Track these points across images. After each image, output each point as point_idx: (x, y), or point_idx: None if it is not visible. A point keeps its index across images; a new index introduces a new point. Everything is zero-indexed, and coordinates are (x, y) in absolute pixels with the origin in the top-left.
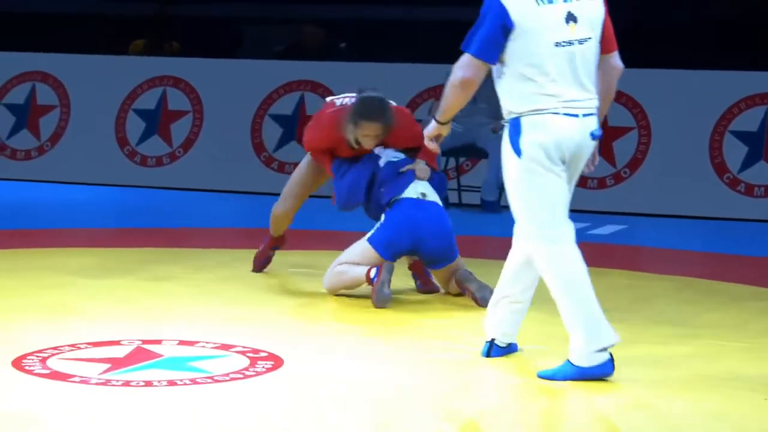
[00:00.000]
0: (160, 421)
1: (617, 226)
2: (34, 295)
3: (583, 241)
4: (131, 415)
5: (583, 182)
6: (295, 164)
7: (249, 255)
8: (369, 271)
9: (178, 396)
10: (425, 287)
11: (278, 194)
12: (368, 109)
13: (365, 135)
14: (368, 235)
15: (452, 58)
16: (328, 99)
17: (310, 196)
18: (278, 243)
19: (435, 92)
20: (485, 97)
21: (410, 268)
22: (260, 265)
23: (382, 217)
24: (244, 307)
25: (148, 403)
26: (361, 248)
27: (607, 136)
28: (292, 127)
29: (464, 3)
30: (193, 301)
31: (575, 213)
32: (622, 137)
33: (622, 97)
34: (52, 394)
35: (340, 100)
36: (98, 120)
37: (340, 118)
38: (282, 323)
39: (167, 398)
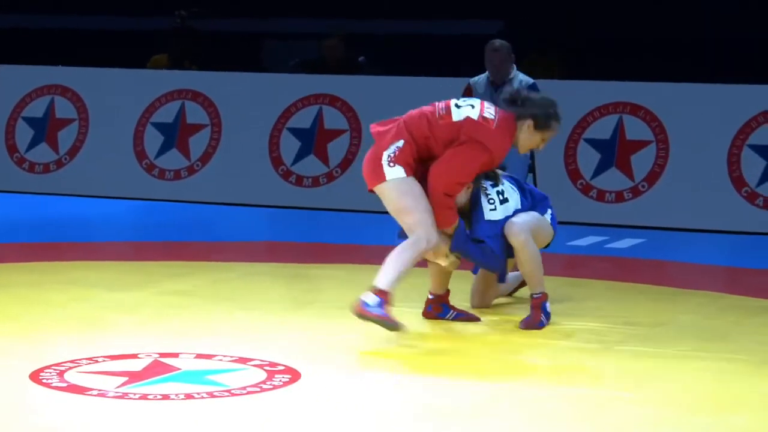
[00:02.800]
0: None
1: (635, 239)
2: (53, 309)
3: (600, 254)
4: (148, 428)
5: (600, 196)
6: (313, 178)
7: (268, 269)
8: None
9: (195, 409)
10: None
11: (296, 207)
12: (557, 110)
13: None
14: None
15: (469, 71)
16: (461, 116)
17: (333, 210)
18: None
19: None
20: None
21: (441, 299)
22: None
23: (548, 211)
24: (263, 321)
25: (165, 416)
26: (549, 231)
27: (624, 150)
28: (311, 140)
29: (480, 17)
30: (212, 314)
31: (592, 227)
32: (640, 151)
33: (640, 111)
34: (70, 407)
35: (485, 112)
36: (117, 133)
37: (510, 131)
38: (301, 337)
39: (184, 412)
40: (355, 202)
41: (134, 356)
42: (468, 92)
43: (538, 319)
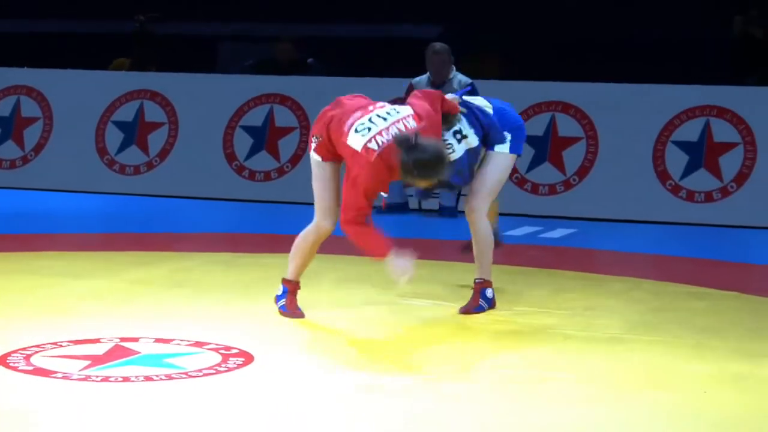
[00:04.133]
0: (137, 415)
1: (567, 229)
2: (20, 296)
3: (535, 243)
4: (110, 409)
5: (534, 189)
6: (265, 172)
7: (225, 258)
8: None
9: (154, 391)
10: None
11: (249, 200)
12: (427, 169)
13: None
14: (505, 149)
15: (409, 73)
16: (351, 141)
17: (284, 202)
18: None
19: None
20: None
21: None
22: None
23: (506, 139)
24: (220, 307)
25: (125, 397)
26: (510, 162)
27: (556, 146)
28: (262, 137)
29: (421, 22)
30: (171, 301)
31: (527, 218)
32: (571, 147)
33: (571, 109)
34: (36, 389)
35: (371, 142)
36: (79, 131)
37: (389, 163)
38: (255, 322)
39: (144, 393)
40: (305, 195)
41: (97, 341)
42: (410, 92)
43: (476, 303)
